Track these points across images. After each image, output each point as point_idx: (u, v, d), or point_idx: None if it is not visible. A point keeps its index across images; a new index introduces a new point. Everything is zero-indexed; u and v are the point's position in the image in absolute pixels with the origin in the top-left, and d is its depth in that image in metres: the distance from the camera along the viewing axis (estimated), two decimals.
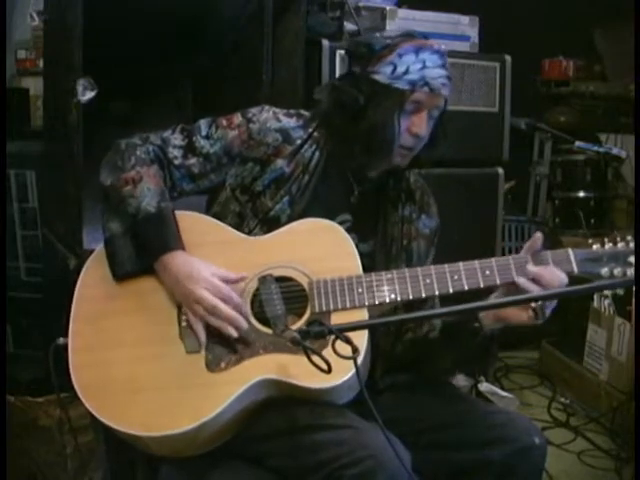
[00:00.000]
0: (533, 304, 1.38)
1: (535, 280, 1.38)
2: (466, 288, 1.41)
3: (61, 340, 1.46)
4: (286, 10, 2.48)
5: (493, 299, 1.44)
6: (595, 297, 2.99)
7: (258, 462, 1.42)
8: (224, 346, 1.40)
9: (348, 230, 1.50)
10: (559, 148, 3.83)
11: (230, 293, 1.40)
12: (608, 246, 1.41)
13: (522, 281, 1.39)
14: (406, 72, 1.49)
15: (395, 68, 1.49)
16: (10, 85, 2.86)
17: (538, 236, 1.44)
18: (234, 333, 1.39)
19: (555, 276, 1.39)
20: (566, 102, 4.07)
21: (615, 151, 3.28)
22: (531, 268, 1.40)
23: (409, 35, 1.54)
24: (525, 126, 3.17)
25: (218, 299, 1.39)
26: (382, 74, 1.50)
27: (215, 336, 1.41)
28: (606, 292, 2.88)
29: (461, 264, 1.42)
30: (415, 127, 1.51)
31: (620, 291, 2.63)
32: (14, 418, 2.03)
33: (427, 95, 1.50)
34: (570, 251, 1.41)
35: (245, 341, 1.40)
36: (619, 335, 2.82)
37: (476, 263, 1.42)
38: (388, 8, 2.62)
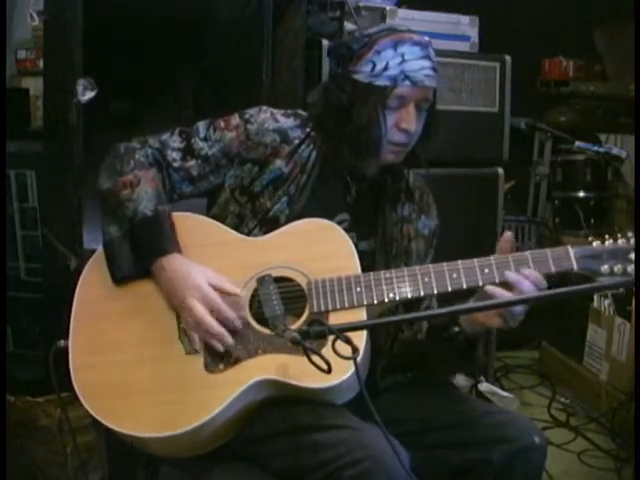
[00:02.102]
0: (501, 311, 1.37)
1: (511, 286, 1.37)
2: (465, 287, 1.40)
3: (62, 343, 1.46)
4: (286, 10, 2.48)
5: (476, 301, 1.42)
6: (595, 297, 2.99)
7: (257, 462, 1.41)
8: None
9: (346, 229, 1.50)
10: (559, 148, 3.82)
11: (220, 305, 1.39)
12: (608, 243, 1.40)
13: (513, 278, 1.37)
14: (385, 68, 1.47)
15: (374, 65, 1.48)
16: (10, 85, 2.86)
17: (508, 235, 1.43)
18: (219, 347, 1.39)
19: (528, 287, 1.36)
20: (566, 102, 4.06)
21: (615, 151, 3.28)
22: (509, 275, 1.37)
23: (388, 29, 1.52)
24: (525, 126, 3.17)
25: (207, 311, 1.38)
26: (362, 73, 1.49)
27: None
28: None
29: (460, 262, 1.41)
30: (403, 122, 1.49)
31: (621, 291, 2.62)
32: (14, 418, 2.03)
33: (410, 89, 1.48)
34: (569, 248, 1.40)
35: (243, 342, 1.40)
36: (619, 335, 2.82)
37: (475, 261, 1.41)
38: (388, 8, 2.62)
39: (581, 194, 3.79)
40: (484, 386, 2.82)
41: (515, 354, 3.42)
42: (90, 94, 2.04)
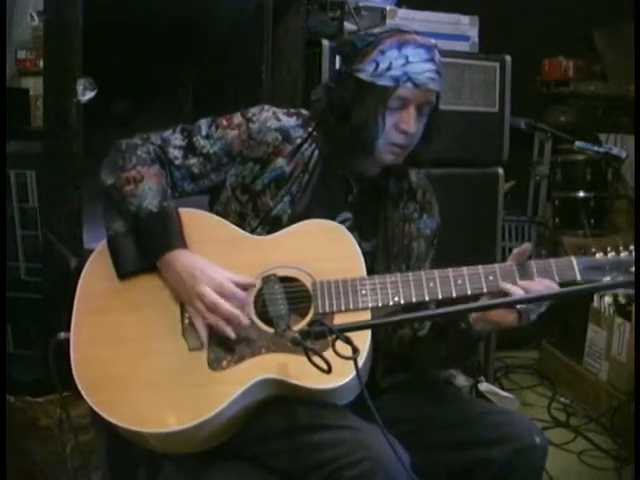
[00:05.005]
0: (518, 307, 1.37)
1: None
2: (469, 293, 1.41)
3: (62, 335, 1.45)
4: (286, 10, 2.48)
5: (484, 301, 1.43)
6: (595, 297, 2.99)
7: (258, 462, 1.41)
8: (226, 344, 1.40)
9: (349, 229, 1.50)
10: (559, 148, 3.82)
11: (233, 290, 1.39)
12: (611, 255, 1.41)
13: (510, 287, 1.38)
14: (389, 68, 1.47)
15: (377, 65, 1.47)
16: (10, 85, 2.86)
17: (526, 247, 1.43)
18: (231, 334, 1.38)
19: (542, 288, 1.38)
20: (566, 102, 4.06)
21: (615, 151, 3.28)
22: (519, 283, 1.38)
23: (394, 30, 1.51)
24: (525, 126, 3.17)
25: (219, 296, 1.38)
26: (365, 72, 1.49)
27: (218, 334, 1.40)
28: (607, 297, 2.88)
29: (465, 269, 1.42)
30: (403, 124, 1.49)
31: (622, 299, 2.63)
32: (14, 418, 2.03)
33: (412, 91, 1.47)
34: (573, 259, 1.41)
35: (247, 340, 1.40)
36: (619, 335, 2.82)
37: (480, 268, 1.42)
38: (388, 8, 2.62)
39: (581, 194, 3.79)
40: (484, 386, 2.82)
41: (515, 354, 3.42)
42: (90, 94, 2.04)
